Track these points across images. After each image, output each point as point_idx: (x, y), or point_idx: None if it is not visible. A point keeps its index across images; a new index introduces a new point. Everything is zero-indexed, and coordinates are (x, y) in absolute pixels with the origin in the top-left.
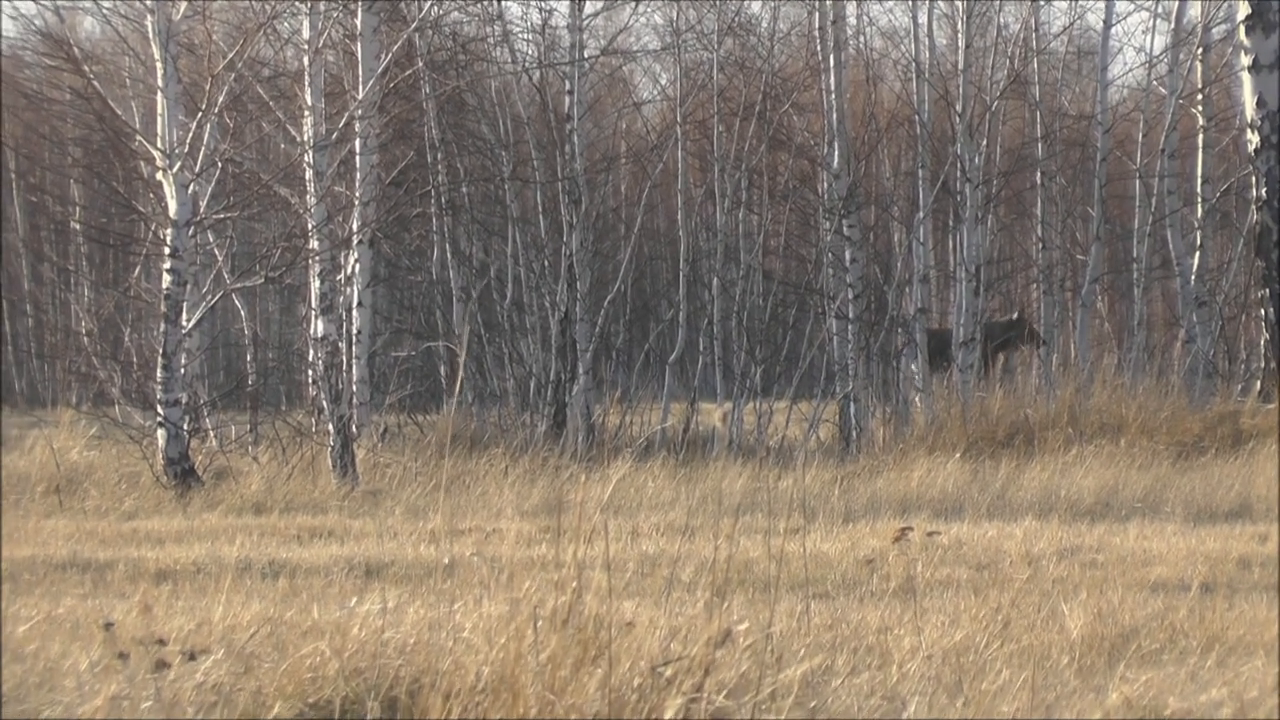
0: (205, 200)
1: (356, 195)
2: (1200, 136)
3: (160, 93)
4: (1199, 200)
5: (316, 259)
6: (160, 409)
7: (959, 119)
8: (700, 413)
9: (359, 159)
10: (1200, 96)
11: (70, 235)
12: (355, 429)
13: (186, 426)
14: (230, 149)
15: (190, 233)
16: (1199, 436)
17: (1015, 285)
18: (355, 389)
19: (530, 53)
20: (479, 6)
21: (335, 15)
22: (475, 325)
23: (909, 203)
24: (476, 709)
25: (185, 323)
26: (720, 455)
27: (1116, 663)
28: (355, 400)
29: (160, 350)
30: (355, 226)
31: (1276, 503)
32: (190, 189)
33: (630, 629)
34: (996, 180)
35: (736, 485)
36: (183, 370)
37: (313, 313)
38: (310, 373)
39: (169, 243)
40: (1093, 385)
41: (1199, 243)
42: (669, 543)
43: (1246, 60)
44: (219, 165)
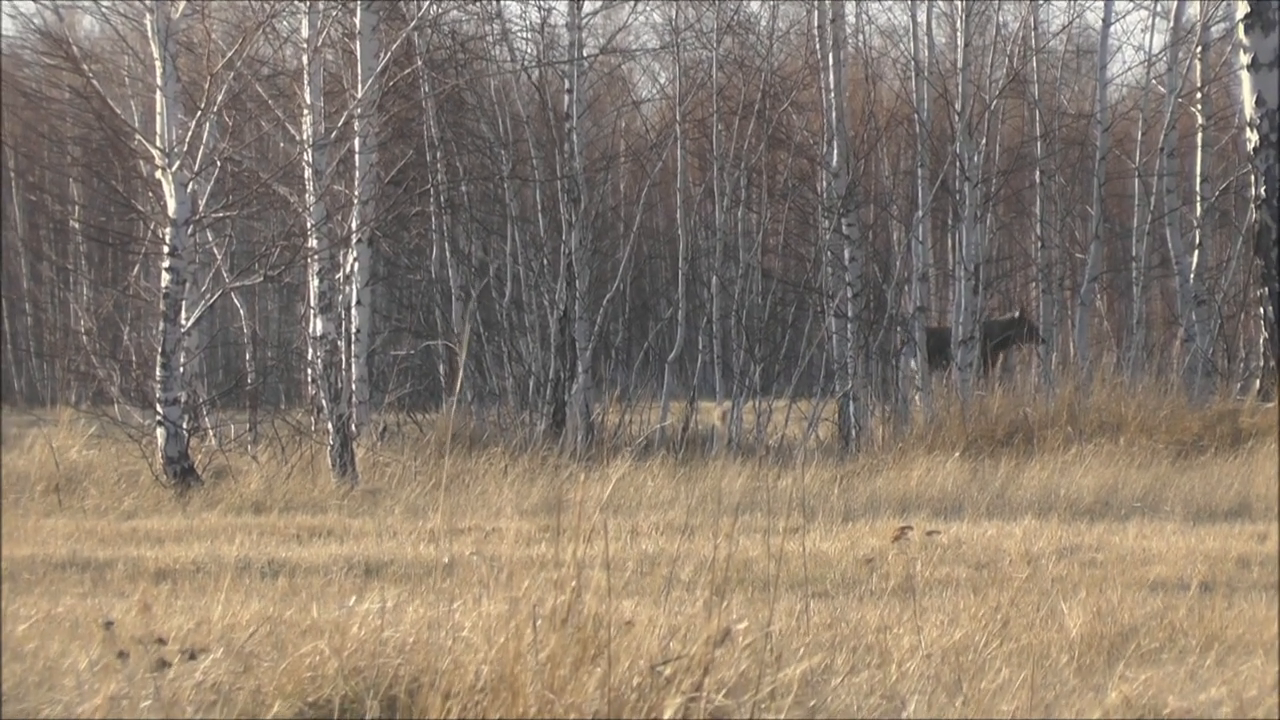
0: (204, 199)
1: (355, 194)
2: (1199, 135)
3: (159, 91)
4: (1198, 199)
5: (315, 258)
6: (159, 408)
7: (958, 117)
8: (699, 411)
9: (358, 157)
10: (1199, 95)
11: (69, 234)
12: (354, 428)
13: (186, 425)
14: (229, 148)
15: (189, 231)
16: (1198, 435)
17: (1014, 284)
18: (354, 388)
19: (529, 51)
20: (478, 5)
21: (334, 14)
22: (474, 324)
23: (908, 201)
24: (476, 708)
25: (184, 321)
26: (719, 454)
27: (1116, 662)
28: (354, 399)
29: (159, 349)
30: (354, 225)
31: (1276, 501)
32: (189, 188)
33: (629, 628)
34: (995, 179)
35: (736, 484)
36: (182, 369)
37: (312, 311)
38: (309, 371)
39: (168, 241)
40: (1092, 384)
41: (1198, 241)
42: (668, 542)
43: (1245, 58)
44: (218, 164)
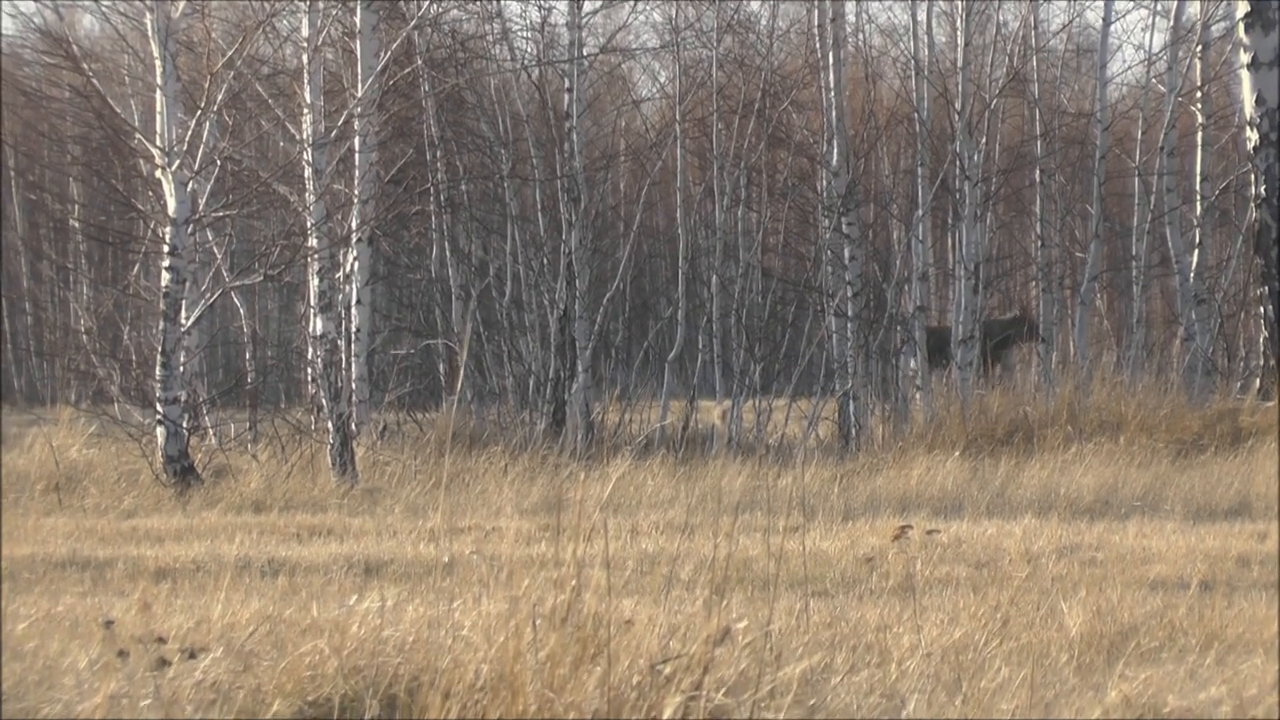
0: (204, 198)
1: (355, 193)
2: (1199, 134)
3: (159, 90)
4: (1198, 198)
5: (315, 257)
6: (159, 407)
7: (958, 117)
8: (699, 410)
9: (358, 157)
10: (1199, 94)
11: (69, 233)
12: (354, 427)
13: (186, 424)
14: (229, 147)
15: (189, 231)
16: (1198, 434)
17: (1014, 283)
18: (354, 387)
19: (529, 50)
20: (478, 4)
21: (334, 13)
22: (474, 323)
23: (908, 200)
24: (475, 707)
25: (184, 321)
26: (719, 453)
27: (1115, 661)
28: (354, 398)
29: (159, 348)
30: (354, 224)
31: (1276, 500)
32: (189, 187)
33: (629, 627)
34: (995, 178)
35: (736, 483)
36: (182, 368)
37: (312, 310)
38: (309, 371)
39: (168, 241)
40: (1092, 383)
41: (1198, 240)
42: (668, 541)
43: (1245, 57)
44: (218, 163)
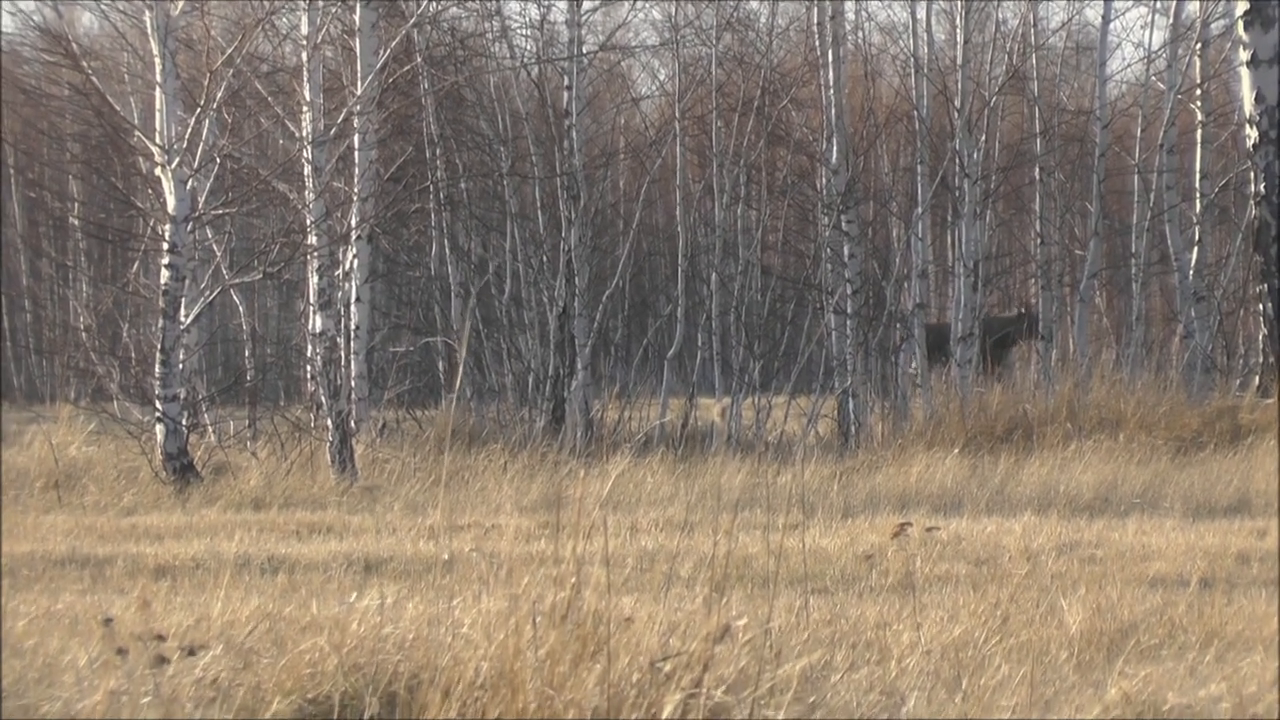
0: (204, 196)
1: (355, 191)
2: (1199, 132)
3: (159, 88)
4: (1197, 195)
5: (315, 254)
6: (159, 404)
7: (957, 114)
8: (699, 408)
9: (357, 154)
10: (1199, 92)
11: (69, 231)
12: (354, 424)
13: (185, 422)
14: (229, 144)
15: (189, 228)
16: (1197, 432)
17: (1014, 280)
18: (354, 384)
19: (529, 48)
20: (477, 2)
21: (334, 11)
22: (474, 321)
23: (907, 198)
24: (475, 704)
25: (184, 318)
26: (719, 451)
27: (1115, 658)
28: (354, 396)
29: (159, 346)
30: (354, 222)
31: (1275, 497)
32: (189, 184)
33: (629, 624)
34: (995, 175)
35: (735, 481)
36: (181, 366)
37: (311, 308)
38: (309, 368)
39: (167, 238)
40: (1091, 380)
41: (1197, 238)
42: (668, 538)
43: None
44: (217, 161)
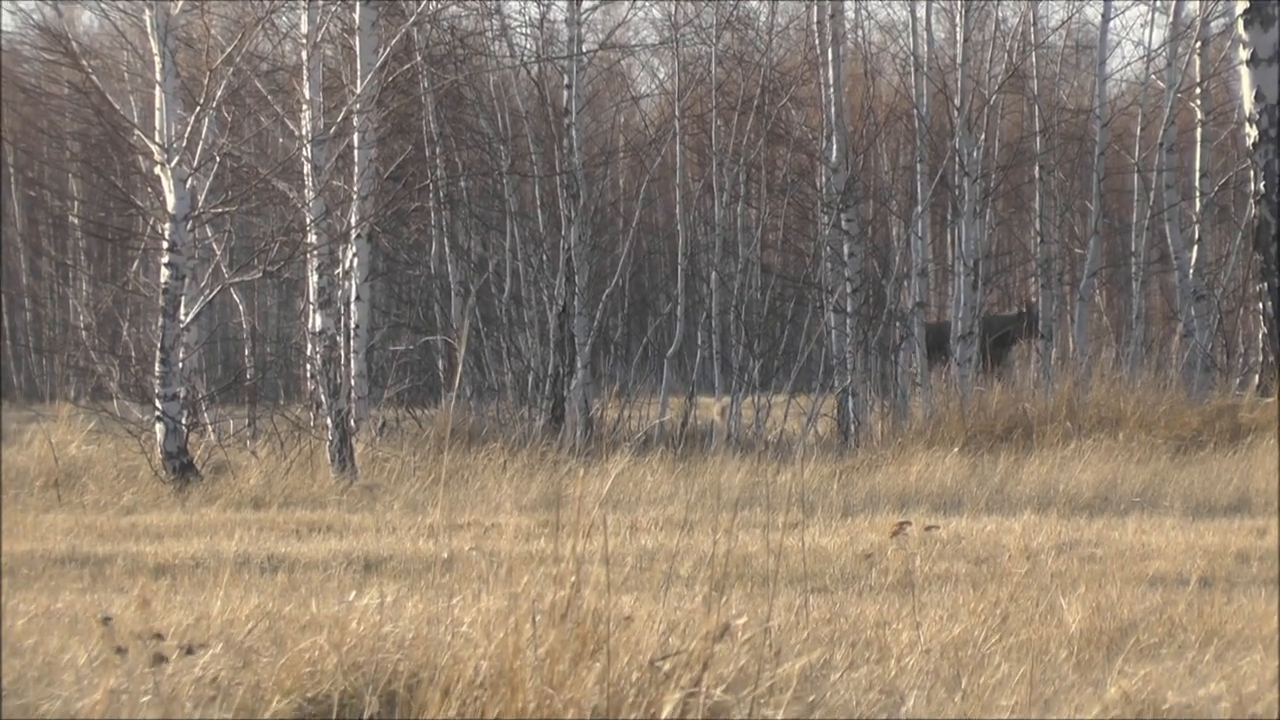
0: (203, 195)
1: (355, 189)
2: (1198, 130)
3: (158, 87)
4: (1197, 194)
5: (314, 253)
6: (158, 403)
7: (957, 113)
8: (698, 407)
9: (357, 153)
10: (1198, 90)
11: (68, 230)
12: (353, 423)
13: (185, 421)
14: (228, 143)
15: (188, 227)
16: (1197, 430)
17: (1014, 279)
18: (353, 383)
19: (528, 47)
20: (477, 1)
21: (333, 9)
22: (473, 319)
23: (907, 197)
24: (475, 703)
25: (183, 317)
26: (719, 449)
27: (1115, 657)
28: (353, 394)
29: (158, 344)
30: (353, 221)
31: (1275, 496)
32: (188, 183)
33: (629, 623)
34: (995, 174)
35: (735, 479)
36: (181, 364)
37: (311, 307)
38: (308, 367)
39: (167, 237)
40: (1091, 379)
41: (1197, 237)
42: (667, 537)
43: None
44: (217, 159)
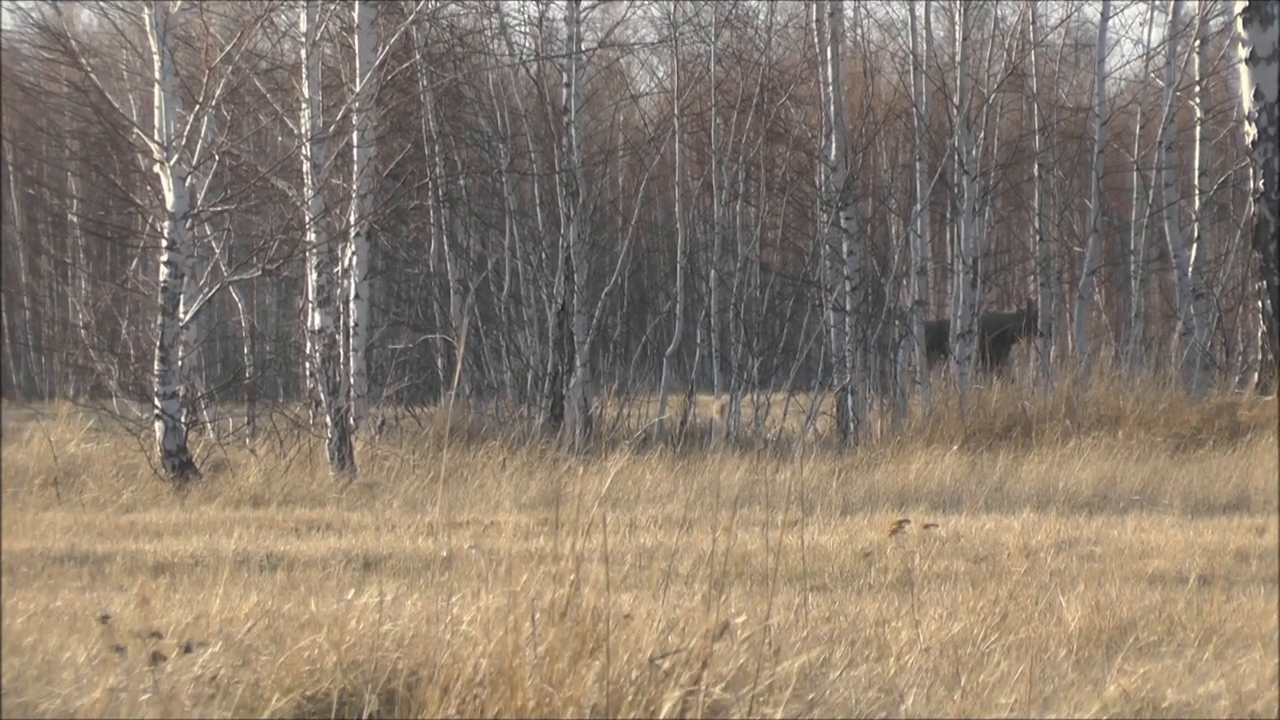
0: (203, 193)
1: (354, 188)
2: (1198, 129)
3: (157, 85)
4: (1196, 192)
5: (314, 251)
6: (157, 401)
7: (956, 111)
8: (698, 405)
9: (356, 151)
10: (1198, 89)
11: (68, 228)
12: (353, 421)
13: (184, 419)
14: (227, 142)
15: (187, 225)
16: (1197, 428)
17: (1013, 277)
18: (353, 381)
19: (528, 45)
20: None
21: (332, 8)
22: (472, 318)
23: (906, 195)
24: (474, 702)
25: (182, 315)
26: (718, 448)
27: (1114, 655)
28: (352, 393)
29: (157, 343)
30: (353, 219)
31: (1275, 494)
32: (187, 182)
33: (628, 621)
34: (994, 172)
35: (734, 478)
36: (180, 363)
37: (310, 305)
38: (307, 365)
39: (166, 235)
40: (1090, 377)
41: (1196, 235)
42: (667, 535)
43: (1244, 52)
44: (216, 158)
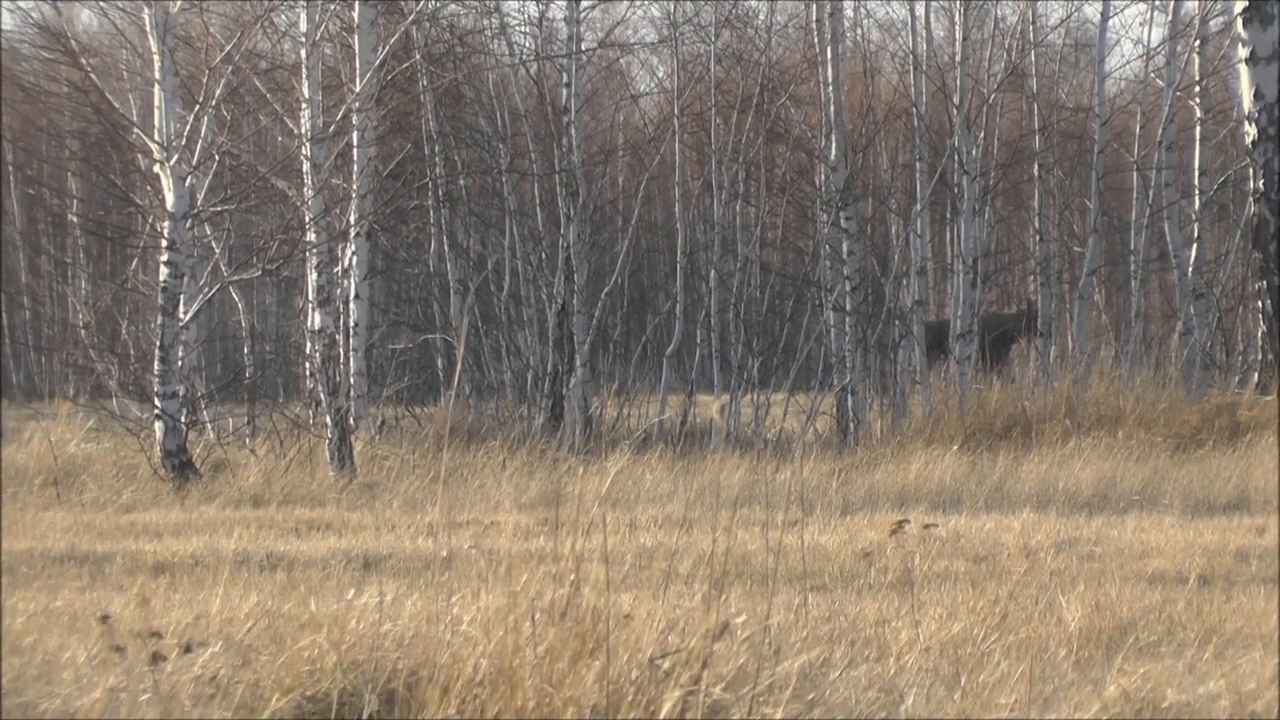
0: (203, 193)
1: (354, 188)
2: (1198, 129)
3: (157, 85)
4: (1196, 192)
5: (314, 251)
6: (157, 401)
7: (956, 111)
8: (698, 405)
9: (356, 151)
10: (1198, 89)
11: (68, 228)
12: (353, 421)
13: (184, 419)
14: (227, 142)
15: (187, 225)
16: (1197, 428)
17: (1013, 277)
18: (352, 381)
19: (527, 45)
20: None
21: (333, 8)
22: (472, 318)
23: (906, 195)
24: (474, 702)
25: (182, 315)
26: (718, 447)
27: (1114, 655)
28: (352, 393)
29: (157, 343)
30: (352, 219)
31: (1275, 494)
32: (187, 182)
33: (628, 621)
34: (994, 172)
35: (734, 478)
36: (180, 363)
37: (310, 305)
38: (307, 365)
39: (166, 235)
40: (1090, 377)
41: (1196, 235)
42: (667, 535)
43: (1244, 52)
44: (216, 158)
